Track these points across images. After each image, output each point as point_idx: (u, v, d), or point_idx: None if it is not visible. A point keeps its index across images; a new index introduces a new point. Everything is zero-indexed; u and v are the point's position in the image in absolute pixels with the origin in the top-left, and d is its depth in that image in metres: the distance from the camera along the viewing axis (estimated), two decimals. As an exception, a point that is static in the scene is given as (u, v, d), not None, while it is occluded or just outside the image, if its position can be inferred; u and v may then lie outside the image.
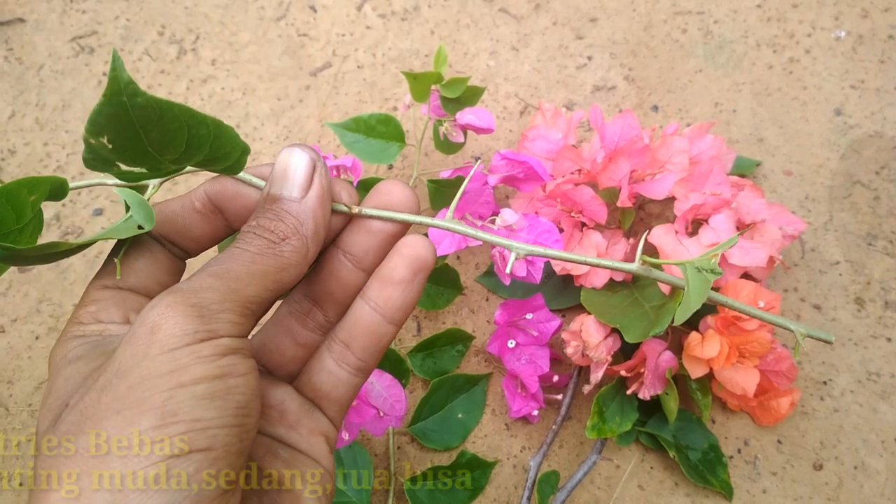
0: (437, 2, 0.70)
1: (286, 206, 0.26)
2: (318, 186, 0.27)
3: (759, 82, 0.66)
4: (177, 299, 0.23)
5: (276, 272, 0.25)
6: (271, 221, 0.26)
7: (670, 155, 0.51)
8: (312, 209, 0.27)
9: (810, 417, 0.54)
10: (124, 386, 0.22)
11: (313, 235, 0.26)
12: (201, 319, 0.22)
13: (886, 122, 0.63)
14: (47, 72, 0.67)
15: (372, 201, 0.29)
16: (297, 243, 0.26)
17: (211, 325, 0.23)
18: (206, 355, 0.22)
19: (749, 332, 0.47)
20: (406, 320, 0.30)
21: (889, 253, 0.59)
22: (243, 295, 0.24)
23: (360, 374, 0.30)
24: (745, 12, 0.68)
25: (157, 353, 0.22)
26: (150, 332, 0.22)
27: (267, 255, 0.25)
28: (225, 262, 0.25)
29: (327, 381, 0.29)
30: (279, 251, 0.25)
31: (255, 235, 0.26)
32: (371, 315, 0.29)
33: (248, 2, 0.69)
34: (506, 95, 0.66)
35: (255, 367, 0.24)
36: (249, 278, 0.24)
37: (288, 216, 0.26)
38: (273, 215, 0.26)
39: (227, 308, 0.23)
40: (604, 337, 0.49)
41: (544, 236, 0.49)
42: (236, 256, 0.25)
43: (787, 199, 0.61)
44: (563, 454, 0.54)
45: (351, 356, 0.29)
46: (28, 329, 0.57)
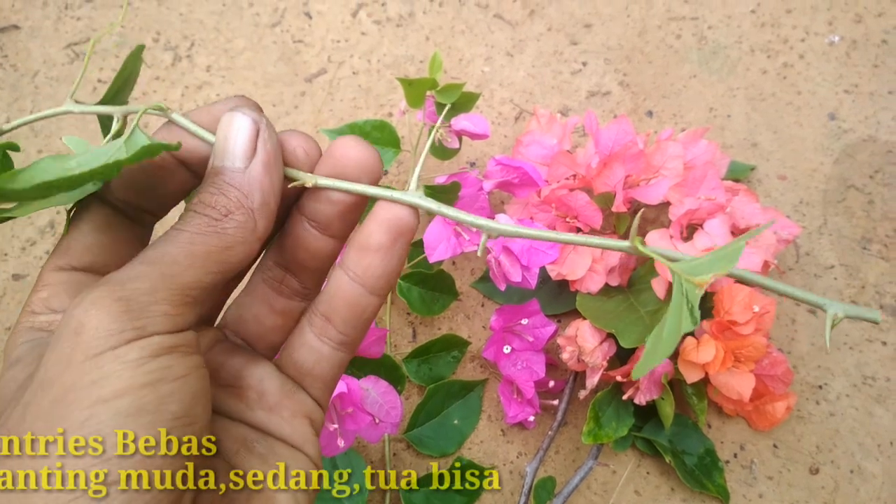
0: (432, 8, 0.70)
1: (228, 178, 0.23)
2: (262, 153, 0.24)
3: (754, 87, 0.66)
4: (102, 293, 0.20)
5: (219, 252, 0.22)
6: (212, 196, 0.23)
7: (665, 160, 0.51)
8: (258, 178, 0.24)
9: (806, 422, 0.54)
10: (47, 400, 0.19)
11: (260, 208, 0.24)
12: (129, 315, 0.20)
13: (880, 127, 0.63)
14: (42, 78, 0.67)
15: (327, 165, 0.26)
16: (241, 218, 0.23)
17: (139, 321, 0.20)
18: (132, 359, 0.19)
19: (744, 336, 0.47)
20: (390, 290, 0.27)
21: (883, 257, 0.59)
22: (181, 281, 0.21)
23: (344, 349, 0.27)
24: (739, 18, 0.69)
25: (80, 360, 0.19)
26: (75, 334, 0.19)
27: (208, 233, 0.22)
28: (160, 245, 0.22)
29: (309, 358, 0.27)
30: (222, 228, 0.23)
31: (196, 213, 0.23)
32: (350, 286, 0.26)
33: (242, 8, 0.69)
34: (501, 101, 0.66)
35: (198, 364, 0.21)
36: (188, 261, 0.22)
37: (230, 189, 0.23)
38: (215, 189, 0.23)
39: (159, 299, 0.20)
40: (599, 342, 0.49)
41: (539, 241, 0.49)
42: (173, 238, 0.22)
43: (781, 203, 0.61)
44: (559, 460, 0.54)
45: (332, 330, 0.27)
46: (22, 336, 0.57)
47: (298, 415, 0.26)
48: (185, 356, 0.21)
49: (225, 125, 0.24)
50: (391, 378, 0.51)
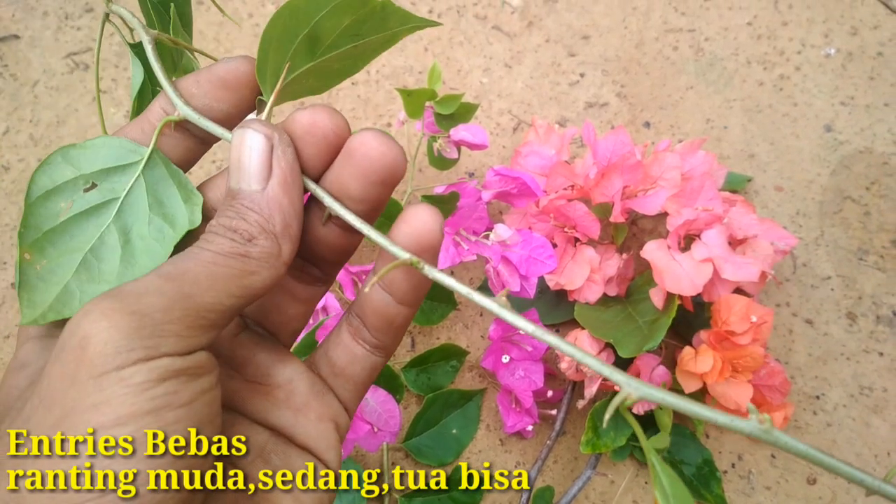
0: (431, 19, 0.70)
1: (247, 202, 0.22)
2: (278, 171, 0.23)
3: (750, 99, 0.66)
4: (114, 305, 0.19)
5: (242, 276, 0.21)
6: (233, 220, 0.22)
7: (662, 171, 0.51)
8: (277, 200, 0.22)
9: (803, 432, 0.54)
10: (49, 421, 0.19)
11: (283, 231, 0.23)
12: (139, 333, 0.19)
13: (876, 139, 0.64)
14: (42, 88, 0.67)
15: (346, 166, 0.24)
16: (266, 243, 0.22)
17: (151, 339, 0.19)
18: (136, 383, 0.18)
19: (742, 346, 0.47)
20: (420, 301, 0.26)
21: (880, 268, 0.59)
22: (199, 302, 0.20)
23: (379, 353, 0.27)
24: (736, 30, 0.69)
25: (85, 378, 0.18)
26: (80, 347, 0.19)
27: (232, 255, 0.21)
28: (180, 261, 0.21)
29: (343, 356, 0.26)
30: (245, 251, 0.22)
31: (218, 235, 0.22)
32: (380, 295, 0.25)
33: (242, 19, 0.70)
34: (499, 112, 0.66)
35: (207, 387, 0.20)
36: (209, 282, 0.21)
37: (250, 213, 0.22)
38: (234, 213, 0.22)
39: (175, 318, 0.19)
40: (597, 352, 0.49)
41: (538, 251, 0.50)
42: (195, 256, 0.21)
43: (778, 214, 0.61)
44: (557, 469, 0.54)
45: (366, 333, 0.26)
46: (20, 345, 0.57)
47: (325, 418, 0.25)
48: (194, 380, 0.20)
49: (237, 143, 0.23)
50: (390, 387, 0.51)
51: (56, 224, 0.24)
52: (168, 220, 0.24)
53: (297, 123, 0.24)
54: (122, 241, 0.24)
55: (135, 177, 0.25)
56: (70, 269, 0.24)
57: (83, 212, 0.24)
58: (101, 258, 0.24)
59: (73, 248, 0.24)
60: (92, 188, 0.24)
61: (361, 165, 0.23)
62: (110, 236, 0.24)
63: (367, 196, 0.24)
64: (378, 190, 0.24)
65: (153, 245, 0.24)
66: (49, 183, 0.24)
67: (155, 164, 0.25)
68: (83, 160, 0.25)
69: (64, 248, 0.24)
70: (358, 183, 0.24)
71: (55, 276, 0.23)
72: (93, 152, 0.25)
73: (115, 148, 0.25)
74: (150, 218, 0.24)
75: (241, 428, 0.24)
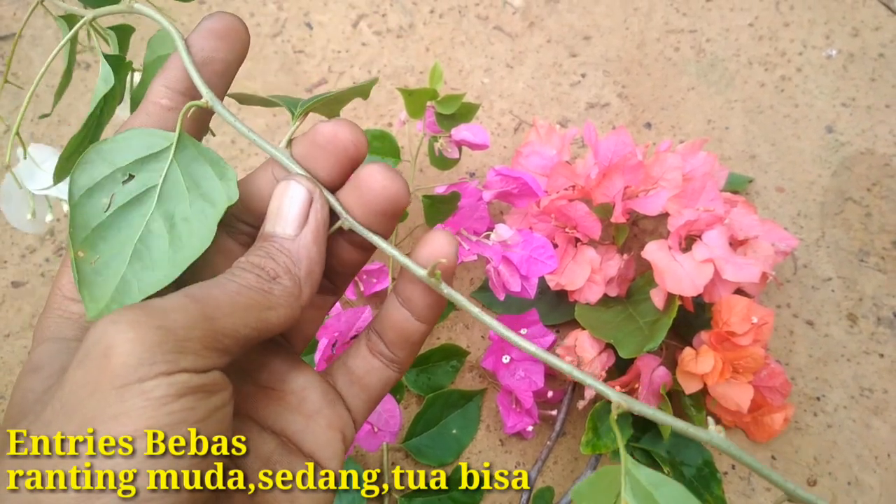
0: (433, 19, 0.70)
1: (279, 245, 0.25)
2: (313, 222, 0.25)
3: (752, 100, 0.66)
4: (140, 318, 0.20)
5: (261, 309, 0.23)
6: (262, 259, 0.24)
7: (664, 171, 0.51)
8: (307, 248, 0.25)
9: (804, 433, 0.54)
10: (70, 429, 0.19)
11: (307, 276, 0.25)
12: (162, 347, 0.20)
13: (877, 140, 0.64)
14: (43, 87, 0.67)
15: (353, 195, 0.26)
16: (288, 283, 0.24)
17: (172, 355, 0.20)
18: (157, 397, 0.19)
19: (743, 347, 0.47)
20: (437, 319, 0.28)
21: (881, 269, 0.59)
22: (218, 326, 0.21)
23: (394, 368, 0.28)
24: (737, 31, 0.69)
25: (107, 388, 0.19)
26: (104, 356, 0.19)
27: (255, 289, 0.23)
28: (208, 287, 0.22)
29: (361, 366, 0.28)
30: (268, 287, 0.23)
31: (245, 270, 0.24)
32: (399, 311, 0.27)
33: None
34: (500, 112, 0.66)
35: (220, 404, 0.21)
36: (230, 309, 0.22)
37: (280, 255, 0.24)
38: (264, 253, 0.24)
39: (195, 336, 0.20)
40: (598, 352, 0.49)
41: (539, 252, 0.50)
42: (220, 284, 0.23)
43: (779, 215, 0.61)
44: (557, 470, 0.54)
45: (383, 348, 0.28)
46: (21, 344, 0.57)
47: (334, 427, 0.27)
48: (208, 397, 0.21)
49: (280, 192, 0.25)
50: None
51: (103, 219, 0.25)
52: (207, 200, 0.25)
53: (319, 134, 0.27)
54: (168, 227, 0.25)
55: (168, 162, 0.26)
56: (123, 260, 0.24)
57: (125, 203, 0.25)
58: (150, 246, 0.25)
59: (122, 240, 0.25)
60: (130, 179, 0.25)
61: (366, 196, 0.26)
62: (155, 223, 0.25)
63: (370, 224, 0.26)
64: (381, 219, 0.26)
65: (197, 226, 0.25)
66: (88, 181, 0.25)
67: (185, 147, 0.26)
68: (116, 154, 0.25)
69: (114, 240, 0.24)
70: (361, 211, 0.26)
71: (110, 269, 0.24)
72: (124, 144, 0.25)
73: (144, 137, 0.26)
74: (191, 200, 0.25)
75: (249, 435, 0.25)
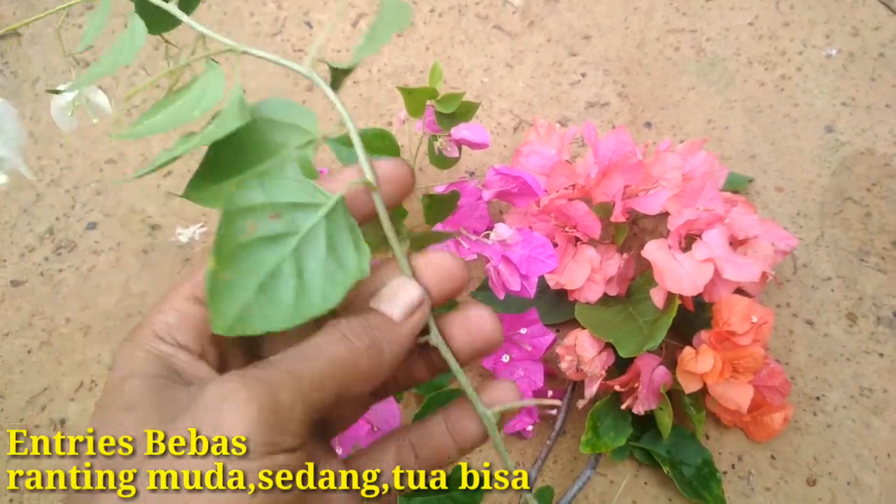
0: (433, 18, 0.70)
1: (380, 322, 0.26)
2: (416, 319, 0.27)
3: (751, 99, 0.66)
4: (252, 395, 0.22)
5: (348, 383, 0.25)
6: (362, 328, 0.26)
7: (663, 171, 0.51)
8: (405, 335, 0.27)
9: (803, 433, 0.54)
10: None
11: (392, 360, 0.26)
12: (268, 429, 0.21)
13: (877, 139, 0.64)
14: (42, 85, 0.67)
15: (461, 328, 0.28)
16: (375, 359, 0.25)
17: (276, 435, 0.22)
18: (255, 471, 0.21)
19: (743, 347, 0.47)
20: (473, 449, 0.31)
21: (881, 269, 0.59)
22: (314, 401, 0.23)
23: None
24: (737, 30, 0.69)
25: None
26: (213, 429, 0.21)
27: (347, 362, 0.25)
28: (303, 359, 0.24)
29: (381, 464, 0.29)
30: (358, 358, 0.25)
31: (339, 336, 0.25)
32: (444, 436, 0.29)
33: (244, 17, 0.69)
34: (500, 111, 0.66)
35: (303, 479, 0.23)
36: (323, 383, 0.24)
37: (379, 331, 0.26)
38: (366, 323, 0.26)
39: (295, 417, 0.22)
40: (598, 352, 0.49)
41: (538, 251, 0.50)
42: (314, 357, 0.24)
43: (778, 215, 0.61)
44: (557, 469, 0.54)
45: (412, 460, 0.29)
46: (20, 343, 0.57)
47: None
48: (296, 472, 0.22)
49: (400, 283, 0.27)
50: (390, 387, 0.50)
51: (242, 242, 0.26)
52: (340, 266, 0.26)
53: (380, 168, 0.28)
54: (297, 274, 0.26)
55: (318, 219, 0.27)
56: (251, 287, 0.25)
57: (266, 237, 0.26)
58: (277, 285, 0.25)
59: (254, 268, 0.25)
60: (276, 217, 0.26)
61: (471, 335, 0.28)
62: (287, 266, 0.26)
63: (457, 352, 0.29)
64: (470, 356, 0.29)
65: (326, 287, 0.26)
66: (244, 202, 0.26)
67: (338, 212, 0.27)
68: (276, 190, 0.27)
69: (246, 266, 0.25)
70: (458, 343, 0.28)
71: (237, 290, 0.25)
72: (286, 186, 0.27)
73: (308, 187, 0.27)
74: (326, 260, 0.26)
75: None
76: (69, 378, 0.55)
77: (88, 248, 0.60)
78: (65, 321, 0.58)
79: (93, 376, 0.56)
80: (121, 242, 0.61)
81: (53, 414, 0.54)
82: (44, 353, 0.56)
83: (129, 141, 0.64)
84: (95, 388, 0.55)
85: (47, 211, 0.62)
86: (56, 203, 0.62)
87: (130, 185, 0.63)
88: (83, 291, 0.59)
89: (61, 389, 0.55)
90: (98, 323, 0.58)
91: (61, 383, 0.55)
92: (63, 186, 0.62)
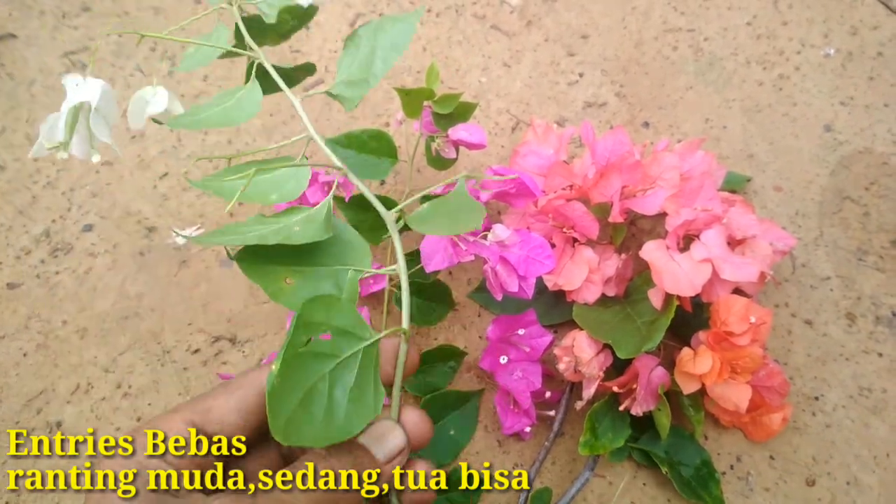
0: (430, 18, 0.70)
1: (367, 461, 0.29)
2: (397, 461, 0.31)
3: (750, 99, 0.66)
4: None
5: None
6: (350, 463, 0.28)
7: (661, 171, 0.51)
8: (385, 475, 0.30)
9: (802, 433, 0.54)
10: None
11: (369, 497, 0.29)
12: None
13: (876, 139, 0.64)
14: (38, 87, 0.67)
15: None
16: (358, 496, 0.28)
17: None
18: None
19: (741, 347, 0.47)
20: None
21: (879, 268, 0.59)
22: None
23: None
24: (735, 30, 0.69)
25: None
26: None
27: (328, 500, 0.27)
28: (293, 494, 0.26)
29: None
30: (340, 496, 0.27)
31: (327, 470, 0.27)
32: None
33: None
34: (497, 111, 0.66)
35: None
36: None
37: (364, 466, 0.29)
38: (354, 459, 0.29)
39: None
40: (596, 353, 0.49)
41: (536, 252, 0.49)
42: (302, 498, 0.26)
43: (777, 214, 0.61)
44: (555, 471, 0.53)
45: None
46: (16, 346, 0.57)
47: None
48: None
49: (388, 427, 0.31)
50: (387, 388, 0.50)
51: (300, 352, 0.28)
52: (361, 398, 0.29)
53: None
54: (328, 395, 0.29)
55: (358, 349, 0.30)
56: (295, 399, 0.27)
57: (314, 353, 0.29)
58: (312, 402, 0.28)
59: (300, 380, 0.28)
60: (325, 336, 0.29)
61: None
62: (322, 385, 0.29)
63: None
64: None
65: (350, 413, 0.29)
66: (312, 318, 0.29)
67: (372, 349, 0.31)
68: (336, 314, 0.30)
69: (294, 376, 0.28)
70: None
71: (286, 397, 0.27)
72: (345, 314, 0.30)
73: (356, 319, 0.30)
74: (352, 388, 0.29)
75: None
76: (65, 381, 0.55)
77: (85, 251, 0.60)
78: (61, 323, 0.57)
79: (89, 379, 0.55)
80: (117, 244, 0.60)
81: (50, 417, 0.54)
82: (40, 355, 0.56)
83: (125, 143, 0.64)
84: (92, 390, 0.55)
85: (43, 213, 0.61)
86: (52, 205, 0.62)
87: (126, 187, 0.63)
88: (79, 294, 0.59)
89: (58, 392, 0.55)
90: (95, 325, 0.57)
91: (57, 386, 0.55)
92: (59, 188, 0.62)
